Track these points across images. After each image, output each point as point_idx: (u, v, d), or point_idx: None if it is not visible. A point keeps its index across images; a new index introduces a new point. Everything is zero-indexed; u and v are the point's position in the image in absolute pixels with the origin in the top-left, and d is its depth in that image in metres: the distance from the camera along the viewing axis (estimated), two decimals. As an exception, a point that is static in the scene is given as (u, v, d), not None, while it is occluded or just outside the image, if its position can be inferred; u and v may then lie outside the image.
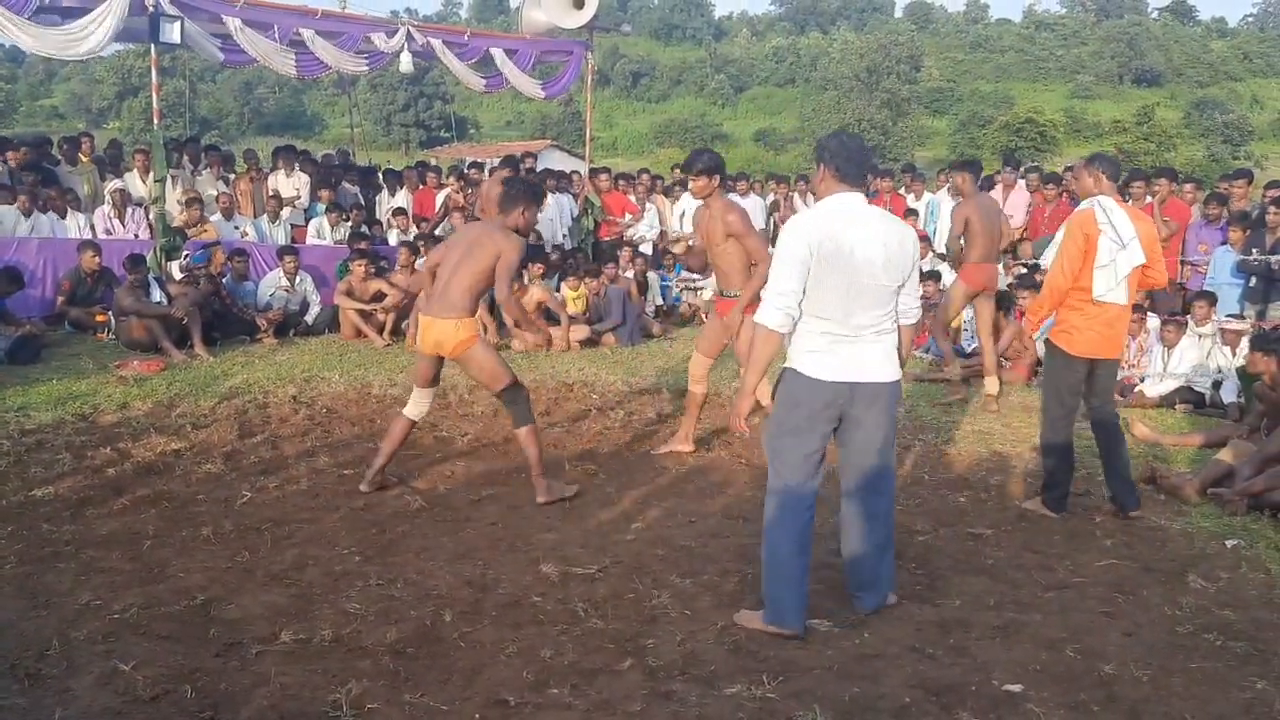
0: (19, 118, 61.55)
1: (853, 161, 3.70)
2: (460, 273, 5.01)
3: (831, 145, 3.73)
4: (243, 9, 10.04)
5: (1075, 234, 4.96)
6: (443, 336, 4.99)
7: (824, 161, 3.72)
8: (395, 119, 66.02)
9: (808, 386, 3.67)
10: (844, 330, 3.63)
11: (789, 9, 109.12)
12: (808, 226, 3.62)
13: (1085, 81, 79.55)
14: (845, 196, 3.69)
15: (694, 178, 5.72)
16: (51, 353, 8.43)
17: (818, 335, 3.65)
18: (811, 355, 3.67)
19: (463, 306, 4.99)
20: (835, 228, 3.59)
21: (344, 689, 3.18)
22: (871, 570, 3.90)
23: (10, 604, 3.78)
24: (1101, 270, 4.93)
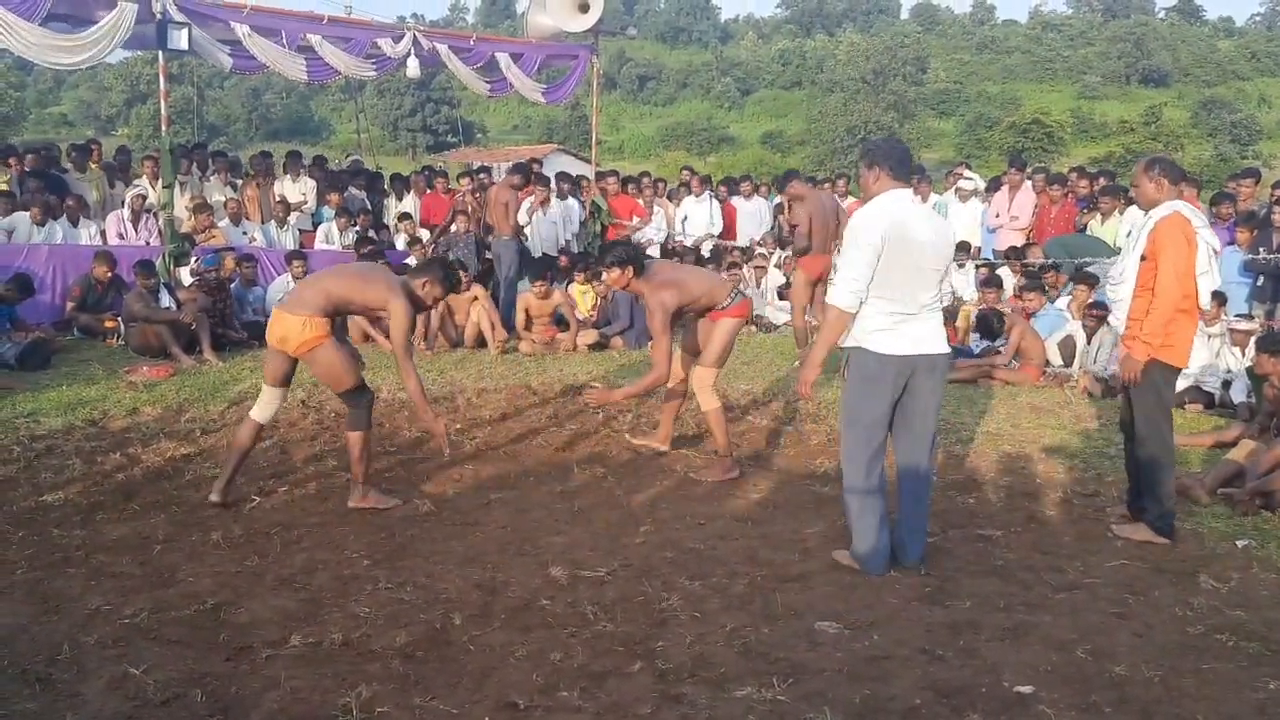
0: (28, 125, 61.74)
1: (903, 162, 4.25)
2: (338, 282, 4.94)
3: (884, 148, 4.28)
4: (250, 15, 10.07)
5: (1179, 240, 4.64)
6: (288, 331, 4.86)
7: (878, 163, 4.22)
8: (402, 124, 66.19)
9: (879, 361, 4.16)
10: (908, 309, 4.16)
11: (795, 11, 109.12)
12: (879, 217, 4.11)
13: (1092, 82, 79.40)
14: (899, 193, 4.22)
15: (607, 269, 5.64)
16: (61, 358, 8.45)
17: (885, 315, 4.14)
18: (880, 334, 4.16)
19: (316, 306, 4.86)
20: (900, 218, 4.13)
21: (354, 692, 3.19)
22: (919, 520, 4.40)
23: (21, 609, 3.80)
24: (1204, 277, 4.73)
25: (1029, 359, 8.35)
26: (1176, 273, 4.63)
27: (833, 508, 5.21)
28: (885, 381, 4.19)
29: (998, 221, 11.20)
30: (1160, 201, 4.79)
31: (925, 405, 4.29)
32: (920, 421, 4.31)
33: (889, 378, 4.18)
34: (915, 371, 4.20)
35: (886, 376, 4.18)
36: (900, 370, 4.18)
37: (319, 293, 4.90)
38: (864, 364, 4.22)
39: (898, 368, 4.17)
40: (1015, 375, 8.28)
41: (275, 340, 4.94)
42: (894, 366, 4.16)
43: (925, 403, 4.28)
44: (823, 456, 6.15)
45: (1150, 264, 4.71)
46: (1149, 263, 4.72)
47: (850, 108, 56.46)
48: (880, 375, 4.18)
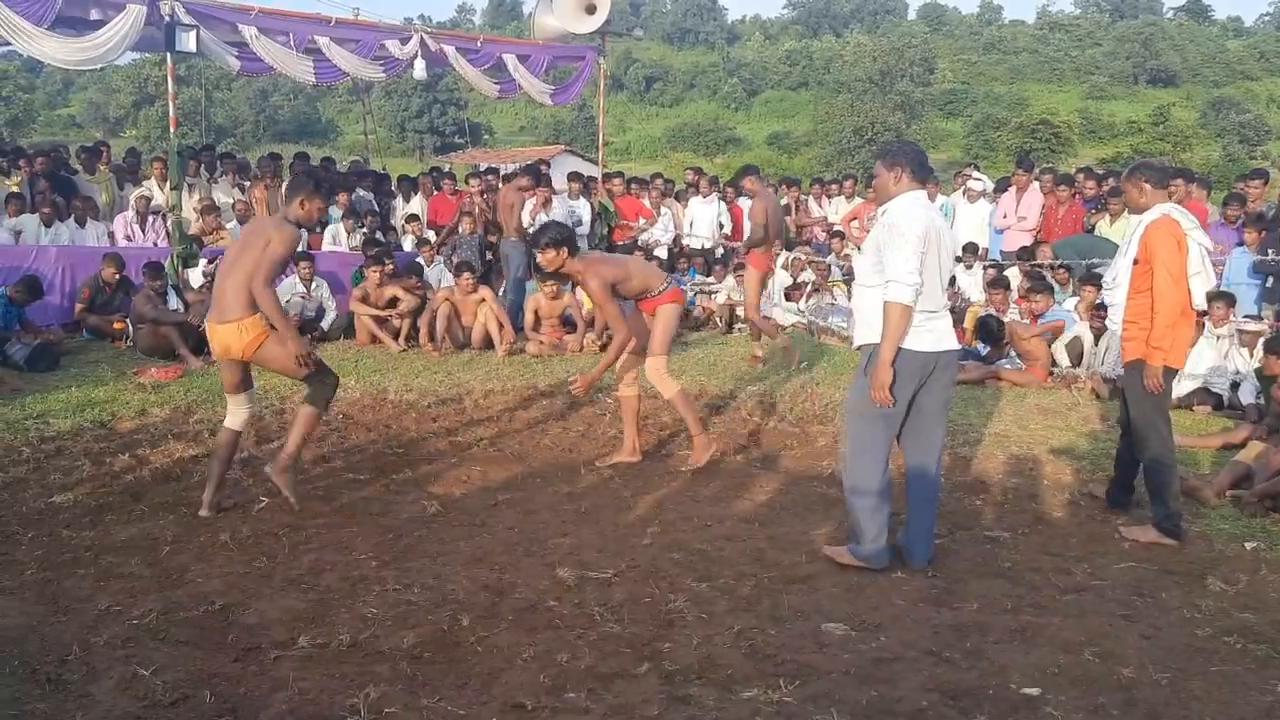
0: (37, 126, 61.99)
1: (923, 164, 4.36)
2: (234, 272, 4.80)
3: (906, 150, 4.37)
4: (257, 17, 10.09)
5: (1169, 243, 4.72)
6: (228, 341, 4.80)
7: (899, 164, 4.29)
8: (409, 125, 66.29)
9: (910, 358, 4.22)
10: (935, 306, 4.27)
11: (802, 12, 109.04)
12: (921, 216, 4.19)
13: (1100, 82, 79.18)
14: (919, 194, 4.32)
15: (542, 251, 5.58)
16: (70, 360, 8.48)
17: (919, 313, 4.19)
18: (915, 333, 4.20)
19: (242, 305, 4.75)
20: (932, 217, 4.26)
21: (362, 693, 3.20)
22: (928, 523, 4.47)
23: (31, 609, 3.82)
24: (1197, 278, 4.82)
25: (1035, 360, 8.34)
26: (1172, 276, 4.71)
27: (840, 509, 5.21)
28: (911, 379, 4.27)
29: (1005, 222, 11.18)
30: (1147, 206, 4.90)
31: (938, 403, 4.39)
32: (932, 421, 4.42)
33: (914, 374, 4.26)
34: (935, 368, 4.30)
35: (913, 372, 4.26)
36: (925, 366, 4.27)
37: (234, 291, 4.75)
38: (898, 362, 4.23)
39: (923, 364, 4.26)
40: (1022, 377, 8.27)
41: (220, 352, 4.90)
42: (920, 363, 4.25)
43: (938, 400, 4.39)
44: (830, 458, 6.14)
45: (1143, 267, 4.79)
46: (1142, 266, 4.81)
47: (857, 108, 56.32)
48: (909, 373, 4.25)
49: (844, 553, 4.42)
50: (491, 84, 12.32)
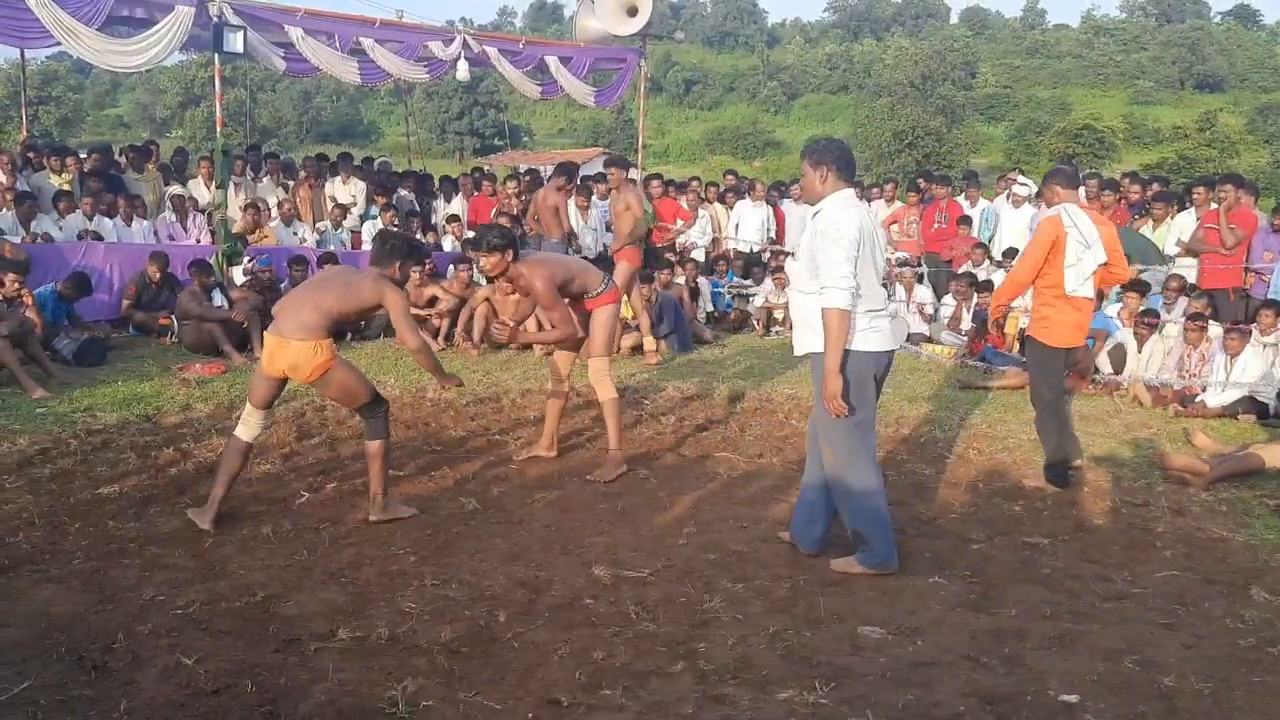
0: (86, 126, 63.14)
1: (848, 164, 4.32)
2: (326, 296, 4.72)
3: (831, 149, 4.33)
4: (303, 19, 10.22)
5: (1044, 236, 5.57)
6: (297, 359, 4.66)
7: (824, 164, 4.27)
8: (450, 127, 66.78)
9: (866, 360, 4.23)
10: (879, 305, 4.27)
11: (842, 15, 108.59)
12: (853, 217, 4.16)
13: (1145, 87, 78.22)
14: (848, 193, 4.30)
15: (486, 255, 5.40)
16: (117, 355, 8.63)
17: (863, 315, 4.20)
18: (864, 334, 4.21)
19: (320, 328, 4.68)
20: (863, 216, 4.23)
21: (400, 686, 3.23)
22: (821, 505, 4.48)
23: (78, 598, 3.89)
24: (1071, 269, 5.55)
25: (1078, 367, 8.25)
26: (1026, 261, 5.68)
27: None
28: (871, 378, 4.29)
29: (1047, 227, 11.07)
30: (1057, 204, 5.71)
31: (877, 396, 4.46)
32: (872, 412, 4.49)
33: (873, 374, 4.30)
34: (888, 364, 4.40)
35: (872, 373, 4.29)
36: (880, 363, 4.32)
37: (317, 313, 4.68)
38: (858, 365, 4.23)
39: (879, 362, 4.31)
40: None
41: (282, 368, 4.73)
42: (876, 363, 4.29)
43: (878, 393, 4.45)
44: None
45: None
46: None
47: (897, 112, 55.93)
48: (868, 373, 4.27)
49: (852, 563, 4.36)
50: (534, 85, 12.40)
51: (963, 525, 5.04)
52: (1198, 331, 7.97)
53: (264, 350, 4.81)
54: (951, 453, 6.37)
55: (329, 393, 4.98)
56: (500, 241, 5.38)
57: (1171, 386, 7.88)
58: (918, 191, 13.02)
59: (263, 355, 4.82)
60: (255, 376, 4.93)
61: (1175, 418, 7.42)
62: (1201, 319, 8.08)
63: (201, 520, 4.67)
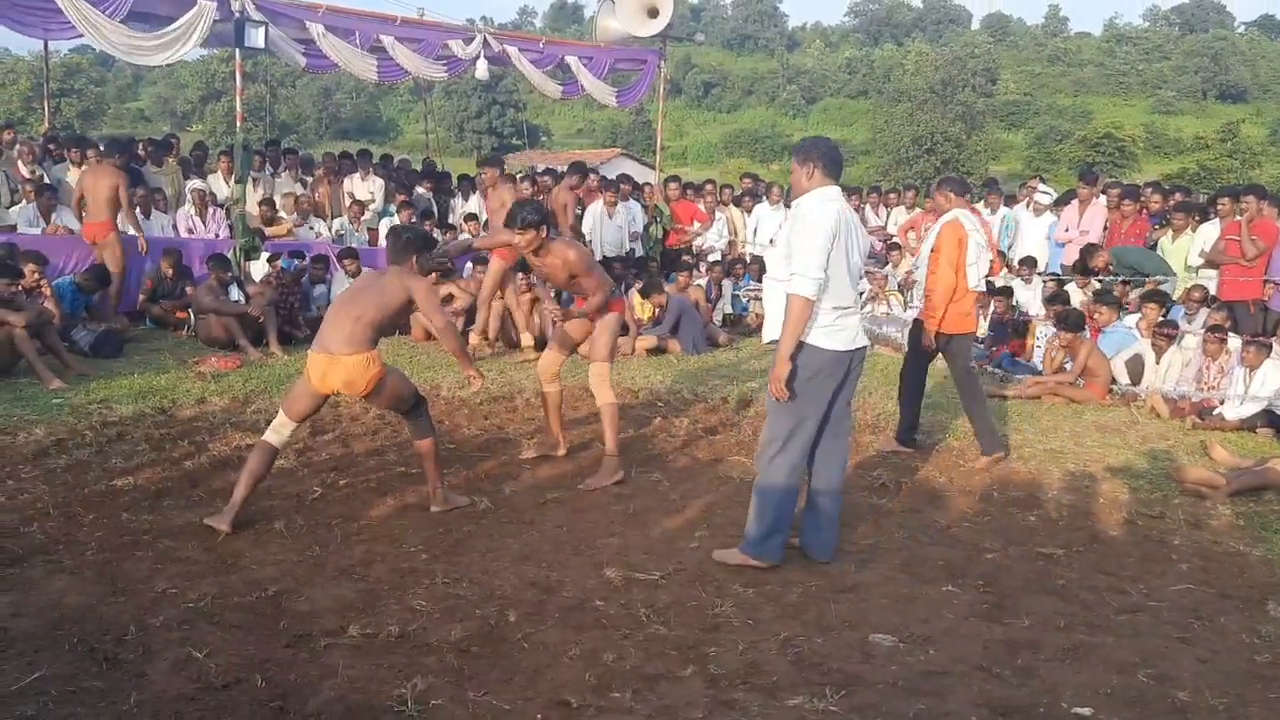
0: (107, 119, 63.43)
1: (835, 162, 4.38)
2: (366, 308, 4.75)
3: (819, 146, 4.40)
4: (325, 15, 10.25)
5: (952, 240, 6.21)
6: (352, 375, 4.69)
7: (811, 160, 4.34)
8: (468, 125, 66.87)
9: (827, 358, 4.27)
10: (847, 303, 4.32)
11: (863, 20, 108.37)
12: (830, 211, 4.22)
13: (1167, 97, 77.78)
14: (833, 190, 4.36)
15: (520, 231, 5.44)
16: (134, 347, 8.67)
17: (828, 312, 4.25)
18: (825, 330, 4.26)
19: (368, 340, 4.72)
20: (842, 213, 4.28)
21: (409, 684, 3.23)
22: (834, 515, 4.56)
23: (91, 589, 3.90)
24: (971, 267, 6.25)
25: (1095, 377, 8.21)
26: (950, 264, 6.22)
27: (890, 519, 5.18)
28: (828, 377, 4.30)
29: (1066, 236, 11.01)
30: (948, 210, 6.37)
31: (845, 401, 4.50)
32: (842, 417, 4.53)
33: (833, 373, 4.31)
34: (851, 366, 4.40)
35: (833, 371, 4.31)
36: (841, 365, 4.33)
37: (360, 325, 4.71)
38: (814, 360, 4.26)
39: (840, 363, 4.32)
40: (1081, 393, 8.14)
41: (335, 386, 4.74)
42: (836, 362, 4.30)
43: (847, 393, 4.48)
44: (881, 468, 6.09)
45: (936, 255, 6.29)
46: (937, 253, 6.29)
47: (917, 118, 55.71)
48: (825, 371, 4.29)
49: (735, 554, 4.43)
50: (555, 85, 12.41)
51: (977, 534, 5.02)
52: (1217, 343, 7.91)
53: (312, 369, 4.75)
54: (966, 461, 6.34)
55: (381, 402, 5.02)
56: (535, 218, 5.48)
57: (1190, 398, 7.82)
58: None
59: (311, 374, 4.77)
60: (299, 391, 4.87)
61: (1193, 430, 7.36)
62: (1221, 331, 8.01)
63: (220, 523, 4.57)
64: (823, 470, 4.54)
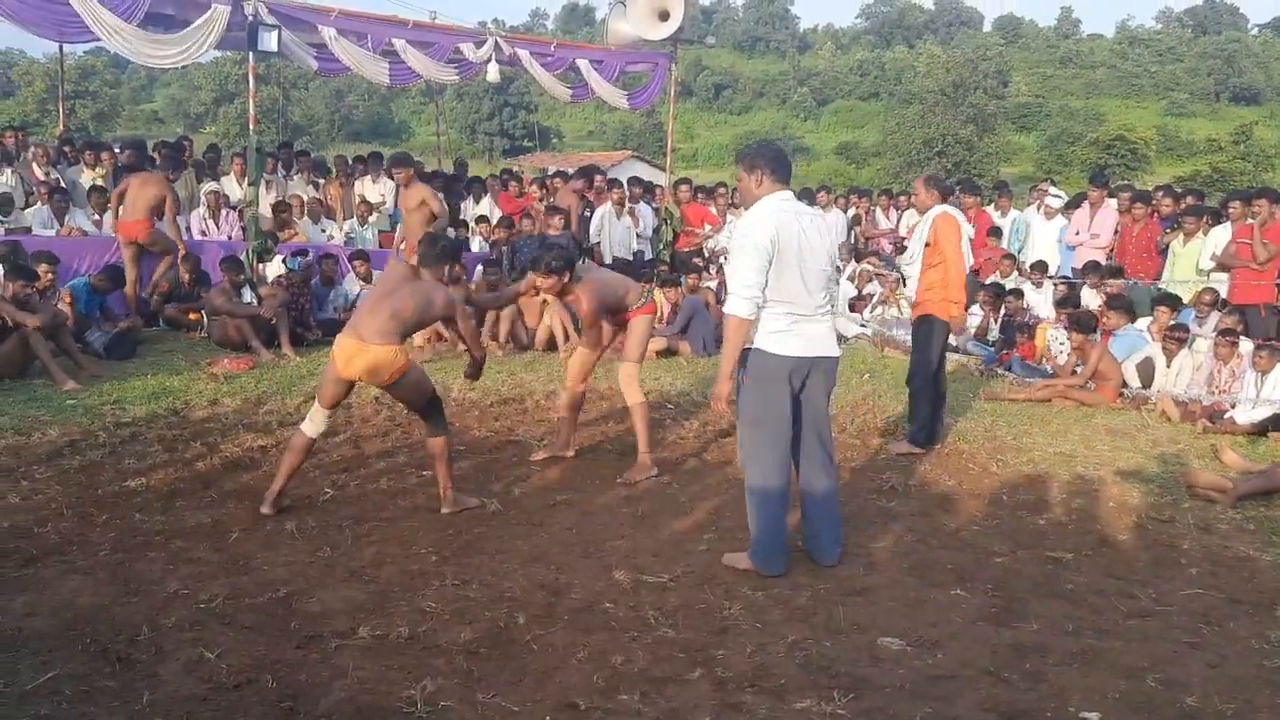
0: (121, 121, 63.79)
1: (782, 164, 4.31)
2: (406, 306, 4.85)
3: (764, 152, 4.32)
4: (337, 19, 10.29)
5: (954, 233, 6.42)
6: (379, 363, 4.78)
7: (758, 167, 4.28)
8: (480, 127, 67.05)
9: (777, 362, 4.25)
10: (803, 311, 4.25)
11: (874, 22, 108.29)
12: (766, 221, 4.15)
13: (1180, 99, 77.50)
14: (783, 194, 4.29)
15: (544, 276, 5.60)
16: (147, 349, 8.73)
17: (780, 318, 4.23)
18: (776, 335, 4.24)
19: (398, 333, 4.84)
20: (786, 221, 4.17)
21: (419, 685, 3.25)
22: (833, 519, 4.53)
23: (104, 589, 3.93)
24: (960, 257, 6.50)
25: (1106, 381, 8.19)
26: (957, 251, 6.41)
27: (898, 522, 5.18)
28: (782, 381, 4.27)
29: (1078, 239, 10.99)
30: (932, 205, 6.57)
31: (819, 407, 4.45)
32: (817, 422, 4.46)
33: (785, 377, 4.27)
34: (810, 373, 4.34)
35: (782, 376, 4.27)
36: (796, 370, 4.29)
37: (395, 320, 4.81)
38: (762, 365, 4.28)
39: (793, 368, 4.27)
40: (1091, 397, 8.13)
41: (358, 373, 4.82)
42: (790, 366, 4.26)
43: (818, 404, 4.44)
44: (890, 470, 6.10)
45: (934, 248, 6.43)
46: (932, 247, 6.44)
47: (928, 120, 55.65)
48: (777, 375, 4.26)
49: (742, 558, 4.44)
50: (565, 88, 12.43)
51: (986, 538, 5.01)
52: (1228, 347, 7.88)
53: (339, 353, 4.85)
54: (975, 464, 6.34)
55: (401, 394, 5.05)
56: (559, 265, 5.62)
57: (1200, 402, 7.80)
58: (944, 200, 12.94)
59: (337, 358, 4.86)
60: (325, 379, 4.97)
61: (1204, 434, 7.34)
62: (1232, 334, 7.99)
63: (264, 507, 4.87)
64: (808, 474, 4.53)
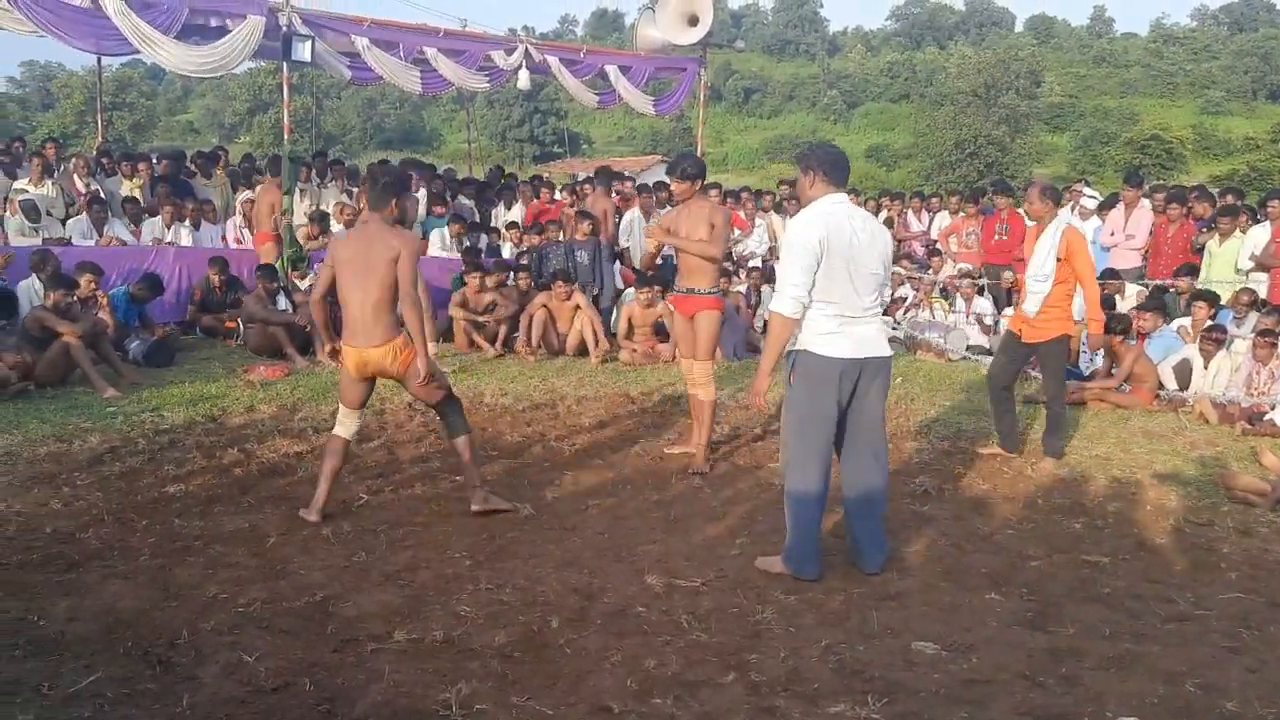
0: (158, 132, 64.66)
1: (838, 168, 4.33)
2: (372, 289, 4.72)
3: (819, 154, 4.35)
4: (370, 28, 10.40)
5: (1086, 246, 6.33)
6: (384, 363, 4.81)
7: (813, 169, 4.31)
8: (510, 134, 67.38)
9: (825, 364, 4.23)
10: (852, 312, 4.23)
11: (905, 24, 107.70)
12: (816, 223, 4.18)
13: (1216, 97, 76.49)
14: (836, 197, 4.30)
15: (678, 180, 5.89)
16: (184, 356, 8.84)
17: (829, 319, 4.22)
18: (825, 337, 4.23)
19: (388, 325, 4.77)
20: (837, 223, 4.19)
21: (454, 689, 3.27)
22: (876, 527, 4.48)
23: (144, 594, 3.99)
24: None
25: (1141, 383, 8.11)
26: (1091, 266, 6.40)
27: (933, 526, 5.16)
28: (831, 384, 4.25)
29: (1113, 240, 10.87)
30: (1048, 216, 6.32)
31: (873, 410, 4.39)
32: (869, 427, 4.41)
33: (834, 379, 4.24)
34: (861, 374, 4.29)
35: (832, 378, 4.24)
36: (846, 372, 4.25)
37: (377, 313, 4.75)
38: (810, 366, 4.26)
39: (843, 369, 4.24)
40: (1127, 399, 8.05)
41: (373, 372, 4.88)
42: (839, 368, 4.24)
43: (873, 407, 4.39)
44: (923, 475, 6.07)
45: (1064, 264, 6.15)
46: (1063, 263, 6.15)
47: (959, 121, 55.30)
48: (826, 377, 4.24)
49: (777, 562, 4.44)
50: (592, 95, 12.48)
51: (1021, 542, 4.98)
52: (1267, 348, 7.78)
53: (347, 360, 4.90)
54: (1009, 468, 6.29)
55: (413, 388, 4.97)
56: (694, 171, 5.81)
57: (1239, 404, 7.70)
58: (976, 202, 12.88)
59: (348, 365, 4.91)
60: (344, 382, 5.03)
61: (1242, 436, 7.24)
62: (1271, 335, 7.88)
63: (309, 515, 4.89)
64: (854, 482, 4.49)
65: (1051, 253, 6.17)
